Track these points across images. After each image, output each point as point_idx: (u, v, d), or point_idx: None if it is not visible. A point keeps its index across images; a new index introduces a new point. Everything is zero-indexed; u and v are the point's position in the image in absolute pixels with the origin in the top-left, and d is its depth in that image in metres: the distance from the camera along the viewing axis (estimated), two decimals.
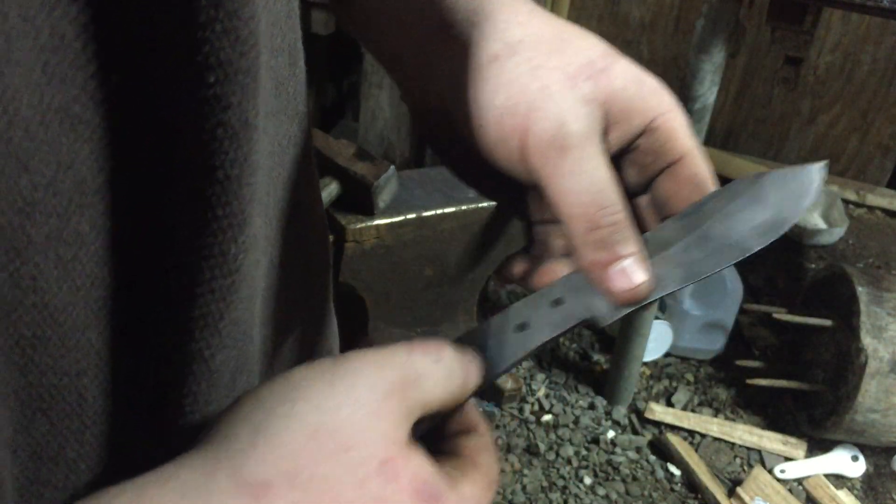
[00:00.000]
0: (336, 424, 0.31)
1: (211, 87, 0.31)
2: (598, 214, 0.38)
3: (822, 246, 2.81)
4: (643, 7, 3.07)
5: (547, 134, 0.38)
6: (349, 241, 1.58)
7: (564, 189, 0.38)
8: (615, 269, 0.38)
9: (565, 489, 1.91)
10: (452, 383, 0.35)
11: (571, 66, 0.40)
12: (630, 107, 0.40)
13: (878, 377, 1.84)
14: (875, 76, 2.94)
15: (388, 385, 0.32)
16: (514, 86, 0.39)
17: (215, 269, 0.34)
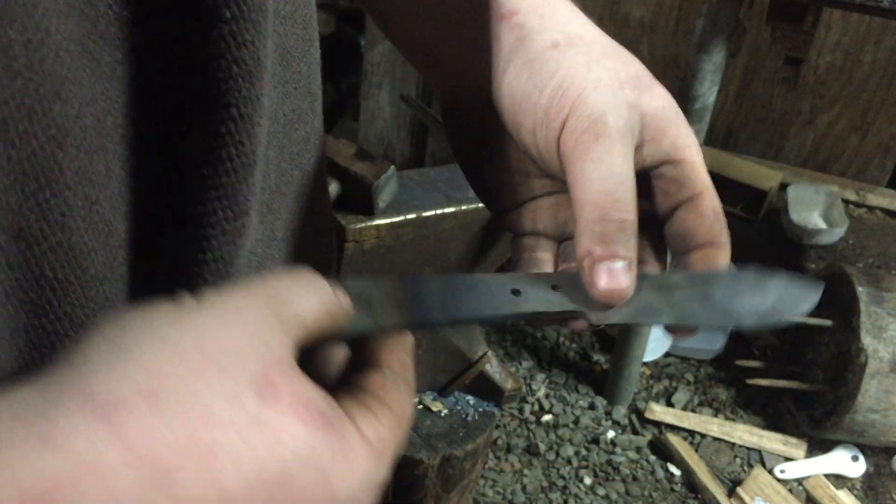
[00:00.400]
0: (203, 342, 0.27)
1: (227, 24, 0.32)
2: (611, 206, 0.38)
3: (822, 246, 2.81)
4: (643, 7, 3.07)
5: (587, 120, 0.39)
6: (349, 241, 1.58)
7: (587, 173, 0.39)
8: (605, 266, 0.39)
9: (565, 489, 1.91)
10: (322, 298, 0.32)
11: (622, 73, 0.42)
12: (664, 130, 0.42)
13: (878, 377, 1.84)
14: (875, 76, 2.94)
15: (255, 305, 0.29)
16: (570, 72, 0.41)
17: (227, 209, 0.35)
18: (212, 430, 0.26)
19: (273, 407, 0.27)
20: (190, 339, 0.27)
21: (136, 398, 0.25)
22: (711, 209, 0.43)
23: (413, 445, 1.15)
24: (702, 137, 1.75)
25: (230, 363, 0.27)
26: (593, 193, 0.39)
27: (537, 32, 0.43)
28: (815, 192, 2.90)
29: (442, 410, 1.21)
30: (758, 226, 2.89)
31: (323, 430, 0.28)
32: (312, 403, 0.28)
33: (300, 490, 0.27)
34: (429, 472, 1.15)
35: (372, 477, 0.30)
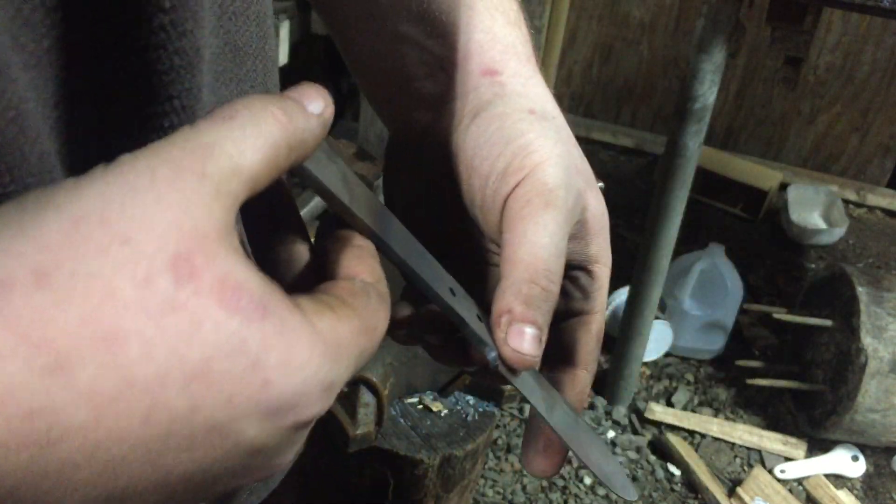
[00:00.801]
0: (107, 213, 0.23)
1: (167, 13, 0.31)
2: (542, 272, 0.38)
3: (822, 246, 2.81)
4: (643, 7, 3.07)
5: (543, 187, 0.40)
6: None
7: (528, 235, 0.39)
8: (519, 327, 0.38)
9: (565, 489, 1.91)
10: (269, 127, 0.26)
11: (578, 162, 0.43)
12: (595, 233, 0.43)
13: (878, 377, 1.84)
14: (875, 76, 2.94)
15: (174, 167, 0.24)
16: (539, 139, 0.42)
17: None
18: (117, 313, 0.23)
19: (190, 289, 0.23)
20: (92, 207, 0.23)
21: (26, 277, 0.22)
22: (597, 332, 0.44)
23: (413, 445, 1.15)
24: (702, 137, 1.75)
25: (140, 237, 0.23)
26: (529, 255, 0.38)
27: (517, 95, 0.44)
28: (815, 192, 2.90)
29: (442, 410, 1.21)
30: (758, 226, 2.89)
31: (252, 314, 0.24)
32: (242, 286, 0.24)
33: (225, 381, 0.24)
34: (429, 472, 1.15)
35: (324, 374, 0.26)
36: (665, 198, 1.81)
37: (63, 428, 0.22)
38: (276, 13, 1.66)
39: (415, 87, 0.47)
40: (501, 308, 0.38)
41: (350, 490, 1.17)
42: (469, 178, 0.43)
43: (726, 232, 2.82)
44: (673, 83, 3.13)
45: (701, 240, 2.58)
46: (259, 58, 0.44)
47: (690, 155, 1.75)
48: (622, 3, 3.08)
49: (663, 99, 3.20)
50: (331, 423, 1.10)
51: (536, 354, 0.38)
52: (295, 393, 0.25)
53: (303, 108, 0.28)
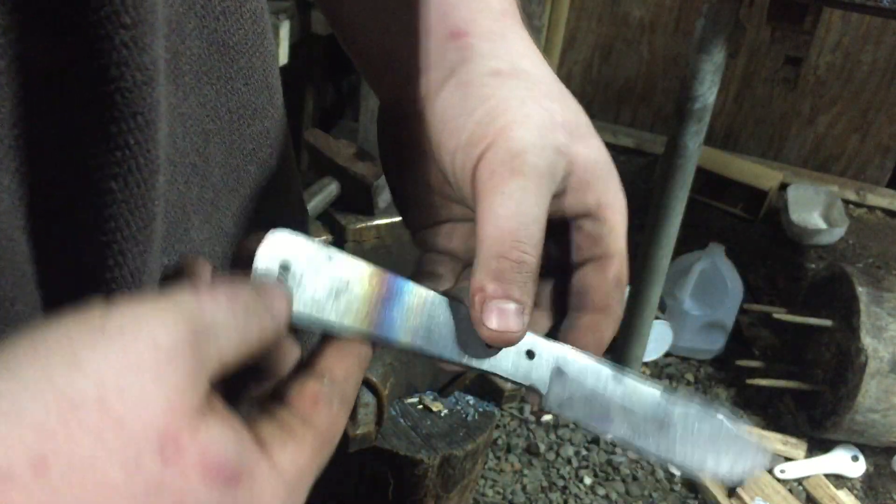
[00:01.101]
0: (103, 393, 0.25)
1: (128, 30, 0.31)
2: (511, 244, 0.37)
3: (822, 246, 2.81)
4: (643, 7, 3.07)
5: (507, 154, 0.38)
6: (349, 241, 1.58)
7: (493, 208, 0.37)
8: (496, 305, 0.36)
9: (565, 489, 1.91)
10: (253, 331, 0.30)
11: (559, 116, 0.40)
12: (591, 182, 0.40)
13: (878, 377, 1.84)
14: (875, 76, 2.94)
15: (172, 341, 0.27)
16: (503, 102, 0.40)
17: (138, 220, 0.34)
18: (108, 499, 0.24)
19: (176, 469, 0.26)
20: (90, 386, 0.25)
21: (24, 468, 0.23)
22: (615, 275, 0.41)
23: (413, 445, 1.15)
24: (702, 137, 1.75)
25: (133, 418, 0.25)
26: (496, 229, 0.37)
27: (483, 57, 0.42)
28: (815, 192, 2.90)
29: (442, 410, 1.21)
30: (758, 226, 2.89)
31: (229, 484, 0.27)
32: (220, 459, 0.27)
33: None
34: (429, 472, 1.15)
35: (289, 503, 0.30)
36: (665, 198, 1.81)
37: None
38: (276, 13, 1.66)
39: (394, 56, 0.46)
40: (475, 288, 0.37)
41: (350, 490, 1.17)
42: (440, 152, 0.42)
43: (726, 232, 2.82)
44: (673, 83, 3.13)
45: (701, 240, 2.58)
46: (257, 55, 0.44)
47: (690, 155, 1.75)
48: (622, 3, 3.08)
49: (663, 99, 3.20)
50: None
51: (516, 329, 0.37)
52: None
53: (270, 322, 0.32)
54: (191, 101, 0.39)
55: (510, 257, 0.36)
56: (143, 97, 0.32)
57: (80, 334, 0.26)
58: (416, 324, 0.37)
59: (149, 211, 0.35)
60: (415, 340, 0.37)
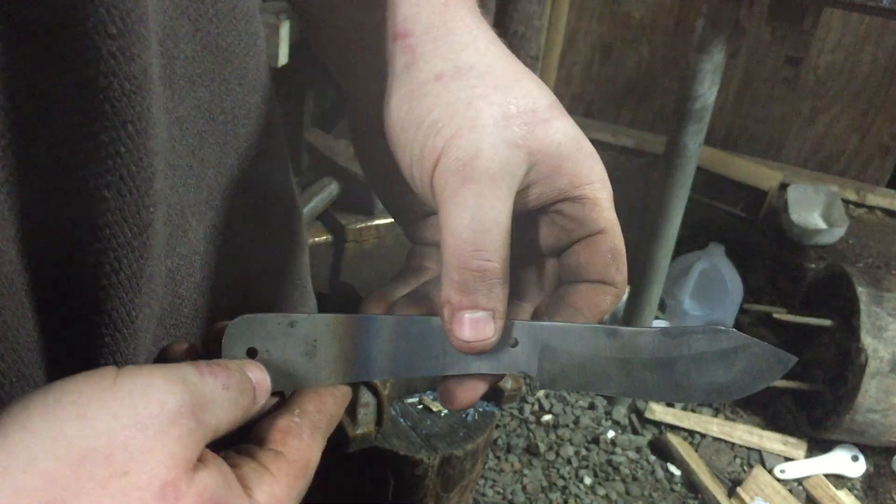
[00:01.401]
0: (112, 448, 0.27)
1: (115, 40, 0.31)
2: (470, 254, 0.36)
3: (822, 246, 2.81)
4: (643, 7, 3.07)
5: (456, 162, 0.37)
6: (349, 241, 1.58)
7: (450, 218, 0.37)
8: (466, 316, 0.37)
9: (565, 489, 1.91)
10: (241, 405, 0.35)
11: (512, 107, 0.39)
12: (560, 166, 0.39)
13: (878, 377, 1.84)
14: (875, 76, 2.94)
15: (176, 407, 0.30)
16: (448, 108, 0.38)
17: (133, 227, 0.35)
18: None
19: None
20: (99, 441, 0.27)
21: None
22: (609, 248, 0.41)
23: (413, 445, 1.15)
24: (702, 137, 1.75)
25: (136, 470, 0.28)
26: (455, 239, 0.37)
27: (425, 60, 0.40)
28: (815, 192, 2.90)
29: (442, 410, 1.21)
30: (758, 226, 2.89)
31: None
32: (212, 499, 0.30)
33: None
34: (429, 472, 1.15)
35: None
36: (665, 198, 1.81)
37: None
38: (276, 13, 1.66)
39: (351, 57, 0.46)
40: (442, 301, 0.37)
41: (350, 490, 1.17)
42: (400, 164, 0.41)
43: (726, 232, 2.82)
44: (673, 83, 3.13)
45: (701, 240, 2.58)
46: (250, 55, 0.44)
47: (690, 155, 1.75)
48: (622, 3, 3.08)
49: (663, 99, 3.20)
50: None
51: (486, 337, 0.37)
52: None
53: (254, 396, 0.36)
54: (186, 104, 0.39)
55: (471, 267, 0.36)
56: (133, 106, 0.33)
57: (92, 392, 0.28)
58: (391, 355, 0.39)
59: (143, 218, 0.35)
60: (395, 371, 0.39)
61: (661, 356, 0.40)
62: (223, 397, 0.33)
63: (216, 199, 0.44)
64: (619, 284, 0.41)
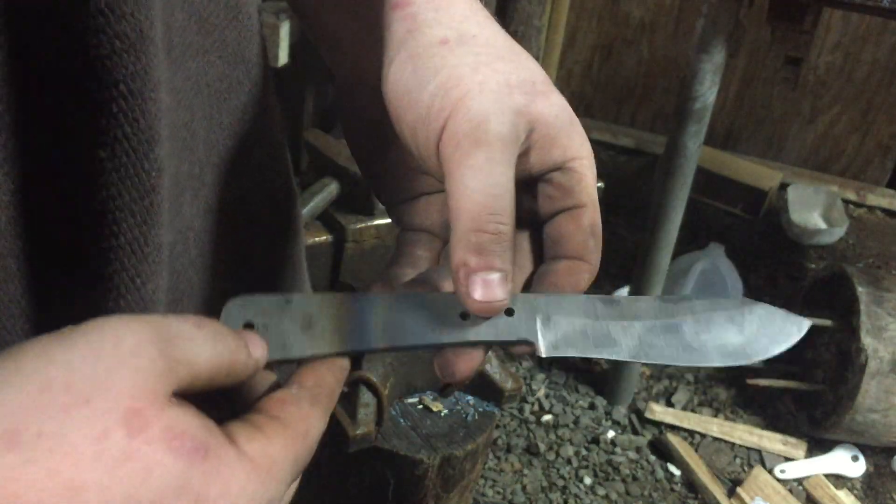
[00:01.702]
0: (71, 379, 0.27)
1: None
2: (485, 217, 0.37)
3: (822, 246, 2.81)
4: (643, 7, 3.07)
5: (468, 125, 0.38)
6: (349, 241, 1.58)
7: (464, 181, 0.37)
8: (480, 277, 0.37)
9: (565, 489, 1.91)
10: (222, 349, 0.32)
11: (514, 77, 0.40)
12: (555, 137, 0.41)
13: (878, 377, 1.84)
14: (875, 76, 2.94)
15: (137, 339, 0.29)
16: (455, 71, 0.39)
17: (132, 190, 0.35)
18: (77, 468, 0.26)
19: (142, 439, 0.27)
20: (58, 372, 0.27)
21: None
22: (589, 224, 0.42)
23: (413, 445, 1.15)
24: (702, 137, 1.75)
25: (99, 397, 0.27)
26: (470, 203, 0.37)
27: (428, 26, 0.41)
28: (815, 192, 2.90)
29: (442, 410, 1.21)
30: (758, 226, 2.89)
31: (195, 456, 0.28)
32: (184, 432, 0.28)
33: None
34: (429, 472, 1.15)
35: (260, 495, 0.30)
36: (665, 198, 1.81)
37: None
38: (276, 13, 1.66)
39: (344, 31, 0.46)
40: (457, 263, 0.38)
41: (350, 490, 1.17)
42: (399, 127, 0.42)
43: (726, 232, 2.82)
44: (673, 83, 3.13)
45: (701, 240, 2.58)
46: (231, 28, 0.44)
47: (690, 155, 1.75)
48: (622, 3, 3.08)
49: (663, 99, 3.20)
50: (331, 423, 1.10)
51: (503, 297, 0.38)
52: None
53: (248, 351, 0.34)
54: (179, 74, 0.40)
55: (488, 230, 0.37)
56: (125, 65, 0.32)
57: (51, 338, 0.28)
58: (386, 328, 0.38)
59: (144, 182, 0.35)
60: (391, 342, 0.38)
61: (664, 320, 0.39)
62: (196, 335, 0.31)
63: (206, 175, 0.44)
64: (594, 262, 0.42)
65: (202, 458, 0.28)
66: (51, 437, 0.26)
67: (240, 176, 0.48)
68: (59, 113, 0.33)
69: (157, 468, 0.27)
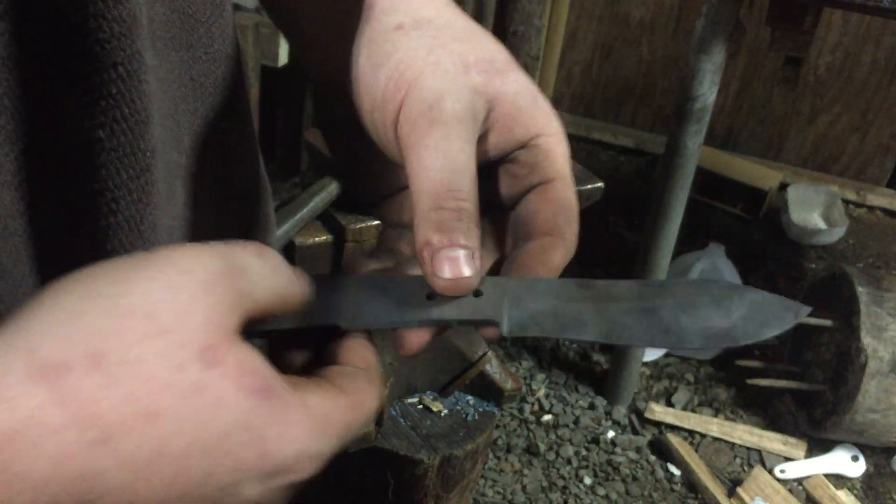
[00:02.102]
0: (150, 308, 0.28)
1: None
2: (445, 195, 0.37)
3: (822, 246, 2.81)
4: (643, 7, 3.07)
5: (423, 104, 0.38)
6: (349, 241, 1.58)
7: (422, 162, 0.37)
8: (444, 255, 0.37)
9: (565, 489, 1.91)
10: (280, 279, 0.33)
11: (471, 56, 0.40)
12: (516, 115, 0.40)
13: (878, 377, 1.84)
14: (875, 76, 2.94)
15: (208, 271, 0.30)
16: (409, 53, 0.40)
17: (129, 168, 0.36)
18: (155, 394, 0.27)
19: (215, 373, 0.28)
20: (139, 301, 0.28)
21: (81, 361, 0.27)
22: (558, 197, 0.41)
23: (413, 445, 1.15)
24: (702, 137, 1.75)
25: (177, 329, 0.28)
26: (429, 182, 0.37)
27: (384, 13, 0.42)
28: (815, 192, 2.90)
29: (442, 410, 1.21)
30: (758, 226, 2.89)
31: (261, 396, 0.29)
32: (254, 372, 0.29)
33: (236, 451, 0.29)
34: (429, 472, 1.15)
35: (311, 447, 0.31)
36: (665, 198, 1.81)
37: (106, 488, 0.27)
38: None
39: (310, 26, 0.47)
40: (421, 243, 0.37)
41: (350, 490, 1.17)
42: (362, 116, 0.42)
43: (726, 232, 2.82)
44: (673, 83, 3.13)
45: (701, 240, 2.58)
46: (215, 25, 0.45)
47: (690, 155, 1.75)
48: (622, 3, 3.08)
49: (663, 99, 3.20)
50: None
51: (470, 274, 0.37)
52: (287, 461, 0.30)
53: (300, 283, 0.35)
54: (163, 66, 0.40)
55: (448, 206, 0.37)
56: (123, 48, 0.34)
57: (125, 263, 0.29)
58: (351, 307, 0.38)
59: (139, 161, 0.36)
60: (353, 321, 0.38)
61: (641, 303, 0.38)
62: (257, 264, 0.32)
63: (193, 165, 0.45)
64: (568, 237, 0.41)
65: (267, 398, 0.29)
66: (131, 363, 0.27)
67: (222, 168, 0.49)
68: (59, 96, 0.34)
69: (227, 402, 0.28)
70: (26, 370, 0.26)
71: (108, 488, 0.27)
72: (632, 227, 2.73)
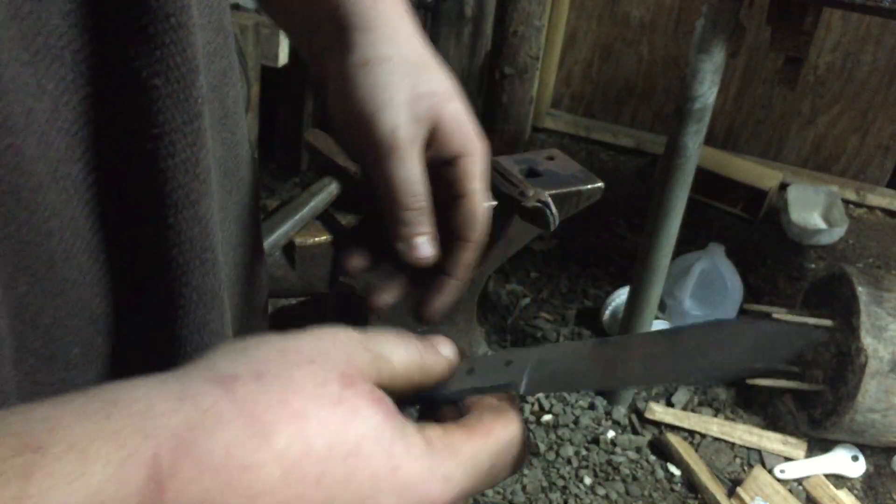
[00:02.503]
0: (301, 347, 0.35)
1: None
2: (408, 200, 0.51)
3: (822, 246, 2.81)
4: (643, 7, 3.07)
5: (384, 136, 0.51)
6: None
7: (390, 178, 0.51)
8: (415, 241, 0.52)
9: (565, 489, 1.91)
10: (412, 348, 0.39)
11: (418, 89, 0.52)
12: (449, 137, 0.53)
13: (878, 377, 1.84)
14: (875, 76, 2.94)
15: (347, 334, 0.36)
16: (372, 91, 0.52)
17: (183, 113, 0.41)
18: (303, 401, 0.32)
19: (351, 392, 0.33)
20: (291, 345, 0.35)
21: (247, 375, 0.32)
22: (468, 211, 0.54)
23: None
24: (702, 137, 1.75)
25: (320, 359, 0.34)
26: (395, 192, 0.51)
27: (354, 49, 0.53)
28: (815, 192, 2.90)
29: None
30: (758, 226, 2.89)
31: (388, 415, 0.34)
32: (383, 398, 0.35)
33: (370, 459, 0.32)
34: None
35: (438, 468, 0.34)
36: (665, 198, 1.81)
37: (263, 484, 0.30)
38: None
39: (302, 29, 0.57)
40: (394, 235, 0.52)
41: None
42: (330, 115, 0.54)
43: (726, 232, 2.82)
44: (673, 83, 3.13)
45: (701, 240, 2.58)
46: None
47: (690, 155, 1.75)
48: (622, 3, 3.08)
49: (663, 99, 3.19)
50: None
51: (432, 253, 0.53)
52: (417, 479, 0.34)
53: (436, 350, 0.40)
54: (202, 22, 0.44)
55: (413, 207, 0.51)
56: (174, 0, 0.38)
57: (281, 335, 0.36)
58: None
59: (191, 107, 0.41)
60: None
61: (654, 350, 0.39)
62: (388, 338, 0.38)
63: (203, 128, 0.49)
64: (475, 242, 0.55)
65: (395, 418, 0.34)
66: (284, 378, 0.33)
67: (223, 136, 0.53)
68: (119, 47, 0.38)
69: (361, 413, 0.33)
70: (204, 378, 0.32)
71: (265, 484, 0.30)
72: (632, 227, 2.73)
